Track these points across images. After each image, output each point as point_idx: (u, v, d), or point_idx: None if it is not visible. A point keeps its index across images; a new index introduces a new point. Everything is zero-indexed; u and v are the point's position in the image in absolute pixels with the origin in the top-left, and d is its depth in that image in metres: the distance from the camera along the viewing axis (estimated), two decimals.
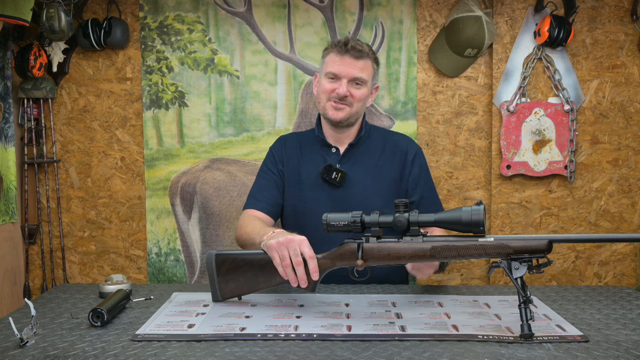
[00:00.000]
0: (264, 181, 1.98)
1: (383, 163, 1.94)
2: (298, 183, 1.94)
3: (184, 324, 1.38)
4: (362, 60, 1.85)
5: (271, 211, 1.93)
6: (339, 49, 1.86)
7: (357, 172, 1.92)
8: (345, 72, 1.84)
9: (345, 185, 1.90)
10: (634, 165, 2.50)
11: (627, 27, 2.46)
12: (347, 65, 1.84)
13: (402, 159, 1.95)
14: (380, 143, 1.98)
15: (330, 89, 1.86)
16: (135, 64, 2.54)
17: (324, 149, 1.97)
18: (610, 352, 1.19)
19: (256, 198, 1.95)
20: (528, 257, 1.32)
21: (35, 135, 2.52)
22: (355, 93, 1.86)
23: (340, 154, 1.95)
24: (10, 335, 1.29)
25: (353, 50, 1.83)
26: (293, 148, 2.01)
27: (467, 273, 2.58)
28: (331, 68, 1.86)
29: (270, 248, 1.46)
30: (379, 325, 1.36)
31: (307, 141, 2.01)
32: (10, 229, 2.47)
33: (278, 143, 2.05)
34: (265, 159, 2.05)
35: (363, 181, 1.91)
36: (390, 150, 1.96)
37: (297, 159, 1.97)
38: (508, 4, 2.47)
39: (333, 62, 1.86)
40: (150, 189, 2.57)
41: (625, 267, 2.53)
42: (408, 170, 1.94)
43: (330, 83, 1.87)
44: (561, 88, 2.46)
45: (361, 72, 1.85)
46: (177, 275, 2.60)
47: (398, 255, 1.40)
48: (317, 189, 1.91)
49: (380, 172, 1.93)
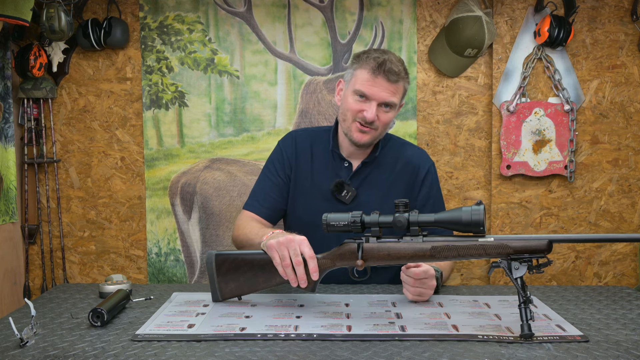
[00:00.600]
0: (269, 184, 1.90)
1: (393, 182, 1.88)
2: (307, 193, 1.87)
3: (184, 324, 1.38)
4: (395, 84, 1.73)
5: (271, 216, 1.88)
6: (373, 68, 1.72)
7: (367, 191, 1.85)
8: (376, 95, 1.72)
9: (353, 204, 1.83)
10: (634, 165, 2.50)
11: (627, 27, 2.46)
12: (380, 87, 1.72)
13: (412, 177, 1.88)
14: (393, 159, 1.89)
15: (358, 109, 1.75)
16: (135, 64, 2.54)
17: (336, 160, 1.88)
18: (610, 352, 1.19)
19: (258, 202, 1.89)
20: (528, 257, 1.32)
21: (35, 135, 2.52)
22: (383, 117, 1.75)
23: (352, 169, 1.87)
24: (10, 335, 1.29)
25: (389, 73, 1.71)
26: (304, 152, 1.91)
27: (467, 273, 2.58)
28: (361, 87, 1.73)
29: (270, 248, 1.46)
30: (379, 325, 1.36)
31: (319, 146, 1.92)
32: (10, 229, 2.47)
33: (289, 141, 1.94)
34: (273, 157, 1.94)
35: (372, 200, 1.83)
36: (402, 167, 1.88)
37: (308, 167, 1.89)
38: (508, 4, 2.47)
39: (365, 80, 1.73)
40: (150, 189, 2.57)
41: (625, 267, 2.53)
42: (417, 190, 1.88)
43: (358, 103, 1.75)
44: (561, 88, 2.46)
45: (393, 96, 1.73)
46: (177, 275, 2.60)
47: (398, 255, 1.40)
48: (326, 203, 1.83)
49: (389, 193, 1.86)
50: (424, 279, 1.54)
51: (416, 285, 1.55)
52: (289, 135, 1.97)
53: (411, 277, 1.54)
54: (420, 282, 1.55)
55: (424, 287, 1.55)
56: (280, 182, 1.89)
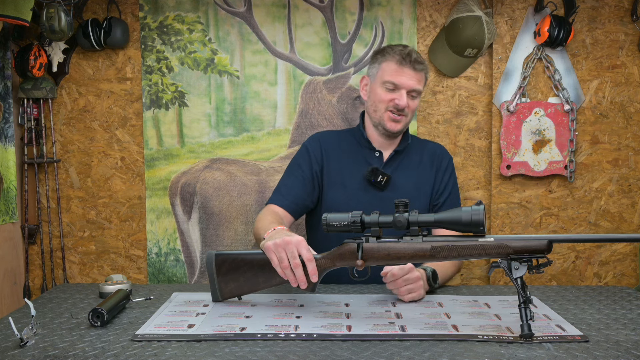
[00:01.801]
0: (293, 179, 1.96)
1: (422, 170, 2.00)
2: (341, 185, 1.94)
3: (184, 324, 1.38)
4: (421, 73, 1.90)
5: (294, 210, 1.92)
6: (400, 59, 1.87)
7: (400, 177, 1.95)
8: (405, 83, 1.87)
9: (388, 189, 1.91)
10: (634, 165, 2.50)
11: (627, 27, 2.46)
12: (407, 76, 1.87)
13: (437, 165, 2.02)
14: (419, 151, 2.04)
15: (389, 98, 1.88)
16: (135, 64, 2.54)
17: (366, 151, 1.97)
18: (610, 352, 1.19)
19: (282, 194, 1.94)
20: (528, 257, 1.32)
21: (35, 135, 2.52)
22: (412, 104, 1.90)
23: (383, 158, 1.97)
24: (10, 335, 1.29)
25: (415, 62, 1.87)
26: (333, 148, 2.00)
27: (467, 273, 2.58)
28: (390, 77, 1.88)
29: (267, 249, 1.46)
30: (379, 325, 1.36)
31: (346, 142, 2.02)
32: (10, 229, 2.47)
33: (314, 142, 2.03)
34: (298, 156, 2.02)
35: (405, 186, 1.95)
36: (428, 157, 2.03)
37: (339, 159, 1.97)
38: (508, 4, 2.47)
39: (393, 71, 1.88)
40: (150, 189, 2.58)
41: (625, 267, 2.53)
42: (441, 175, 2.01)
43: (389, 93, 1.88)
44: (561, 88, 2.46)
45: (419, 83, 1.89)
46: (177, 275, 2.60)
47: (398, 255, 1.40)
48: (361, 192, 1.92)
49: (420, 179, 1.98)
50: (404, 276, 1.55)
51: (401, 284, 1.56)
52: (313, 136, 2.06)
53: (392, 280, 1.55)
54: (403, 280, 1.56)
55: (409, 282, 1.56)
56: (305, 177, 1.95)
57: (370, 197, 1.91)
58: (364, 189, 1.92)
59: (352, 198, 1.91)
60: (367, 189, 1.92)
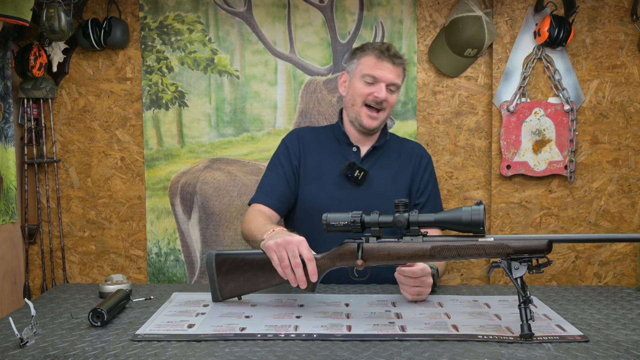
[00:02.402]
0: (275, 176, 1.96)
1: (400, 167, 1.99)
2: (317, 179, 1.93)
3: (184, 324, 1.38)
4: (399, 67, 1.90)
5: (279, 208, 1.92)
6: (379, 53, 1.88)
7: (377, 173, 1.94)
8: (384, 76, 1.87)
9: (365, 184, 1.90)
10: (634, 165, 2.50)
11: (627, 27, 2.46)
12: (386, 70, 1.87)
13: (416, 164, 2.01)
14: (397, 148, 2.03)
15: (368, 92, 1.88)
16: (135, 64, 2.54)
17: (344, 147, 1.97)
18: (610, 352, 1.19)
19: (265, 193, 1.94)
20: (528, 257, 1.32)
21: (35, 135, 2.52)
22: (391, 98, 1.90)
23: (360, 154, 1.97)
24: (10, 335, 1.29)
25: (394, 57, 1.88)
26: (311, 143, 1.99)
27: (467, 273, 2.58)
28: (370, 71, 1.87)
29: (268, 249, 1.46)
30: (379, 325, 1.36)
31: (325, 137, 2.01)
32: (10, 229, 2.47)
33: (293, 137, 2.03)
34: (278, 152, 2.02)
35: (382, 182, 1.93)
36: (406, 156, 2.02)
37: (316, 154, 1.97)
38: (508, 4, 2.47)
39: (372, 65, 1.88)
40: (150, 189, 2.58)
41: (625, 267, 2.53)
42: (420, 175, 2.00)
43: (368, 87, 1.88)
44: (561, 88, 2.46)
45: (398, 78, 1.89)
46: (177, 275, 2.60)
47: (398, 255, 1.40)
48: (338, 187, 1.92)
49: (397, 176, 1.97)
50: (422, 277, 1.55)
51: (416, 284, 1.55)
52: (292, 132, 2.06)
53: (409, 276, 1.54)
54: (419, 281, 1.55)
55: (422, 285, 1.56)
56: (286, 173, 1.95)
57: (346, 193, 1.90)
58: (340, 184, 1.92)
59: (328, 193, 1.90)
60: (343, 185, 1.91)
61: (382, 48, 1.88)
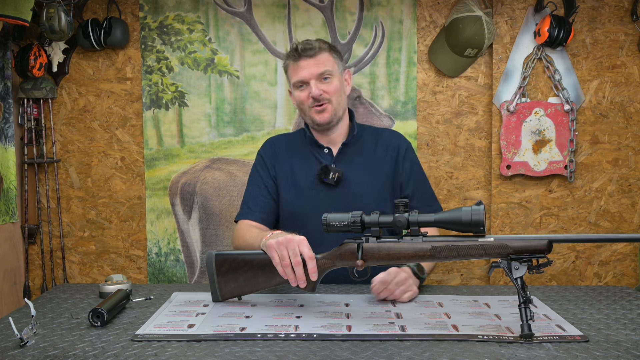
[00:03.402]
0: (256, 189, 1.95)
1: (376, 160, 1.95)
2: (294, 186, 1.92)
3: (184, 324, 1.38)
4: (317, 56, 1.86)
5: (266, 219, 1.90)
6: (293, 57, 1.89)
7: (352, 171, 1.91)
8: (308, 74, 1.86)
9: (341, 184, 1.89)
10: (634, 165, 2.50)
11: (627, 27, 2.46)
12: (306, 68, 1.86)
13: (394, 154, 1.96)
14: (372, 140, 1.99)
15: (305, 96, 1.88)
16: (135, 64, 2.54)
17: (315, 149, 1.95)
18: (610, 352, 1.19)
19: (250, 207, 1.92)
20: (528, 257, 1.32)
21: (35, 135, 2.53)
22: (328, 88, 1.87)
23: (333, 154, 1.95)
24: (10, 335, 1.29)
25: (304, 51, 1.86)
26: (283, 150, 1.98)
27: (467, 273, 2.58)
28: (295, 77, 1.88)
29: (269, 248, 1.46)
30: (379, 325, 1.36)
31: (297, 143, 2.00)
32: (10, 229, 2.47)
33: (267, 146, 2.03)
34: (255, 164, 2.01)
35: (359, 179, 1.91)
36: (383, 147, 1.97)
37: (289, 161, 1.95)
38: (508, 4, 2.47)
39: (294, 70, 1.89)
40: (150, 189, 2.57)
41: (625, 267, 2.53)
42: (401, 165, 1.95)
43: (302, 91, 1.88)
44: (561, 88, 2.46)
45: (323, 66, 1.86)
46: (177, 275, 2.60)
47: (398, 255, 1.40)
48: (314, 191, 1.90)
49: (374, 169, 1.94)
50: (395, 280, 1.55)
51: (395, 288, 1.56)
52: (266, 142, 2.06)
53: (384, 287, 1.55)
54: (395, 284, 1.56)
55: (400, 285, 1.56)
56: (266, 183, 1.94)
57: (324, 195, 1.88)
58: (317, 188, 1.90)
59: (307, 198, 1.89)
60: (320, 188, 1.90)
61: (293, 50, 1.89)
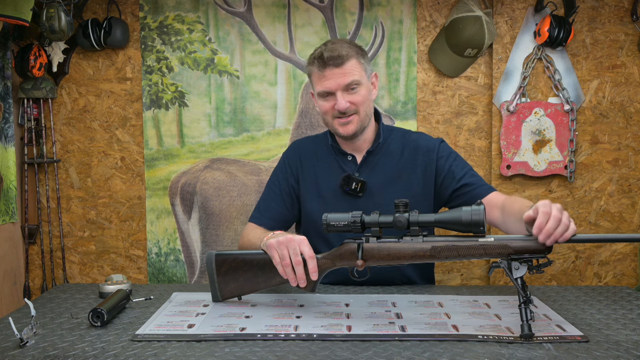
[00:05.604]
0: (271, 195, 1.91)
1: (403, 166, 1.86)
2: (318, 196, 1.87)
3: (184, 324, 1.38)
4: (344, 65, 1.73)
5: (274, 227, 1.84)
6: (318, 65, 1.74)
7: (376, 180, 1.84)
8: (334, 84, 1.73)
9: (365, 194, 1.82)
10: (634, 165, 2.50)
11: (627, 27, 2.46)
12: (333, 78, 1.73)
13: (424, 158, 1.85)
14: (399, 145, 1.88)
15: (330, 107, 1.76)
16: (135, 64, 2.54)
17: (339, 157, 1.87)
18: (610, 352, 1.19)
19: (260, 212, 1.89)
20: (528, 257, 1.31)
21: (35, 135, 2.53)
22: (355, 98, 1.75)
23: (357, 161, 1.87)
24: (10, 335, 1.29)
25: (331, 60, 1.72)
26: (308, 157, 1.92)
27: (467, 273, 2.58)
28: (320, 87, 1.76)
29: (270, 247, 1.46)
30: (379, 325, 1.36)
31: (321, 149, 1.92)
32: (10, 229, 2.47)
33: (292, 151, 1.95)
34: (277, 168, 1.95)
35: (383, 188, 1.83)
36: (410, 152, 1.86)
37: (313, 170, 1.89)
38: (508, 4, 2.47)
39: (318, 79, 1.76)
40: (150, 189, 2.57)
41: (625, 267, 2.53)
42: (442, 164, 1.84)
43: (327, 101, 1.77)
44: (561, 88, 2.46)
45: (351, 76, 1.73)
46: (177, 275, 2.60)
47: (398, 255, 1.40)
48: (338, 201, 1.83)
49: (400, 177, 1.85)
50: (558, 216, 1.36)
51: (568, 222, 1.36)
52: (292, 145, 1.98)
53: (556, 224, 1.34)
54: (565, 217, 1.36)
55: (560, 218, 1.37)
56: (282, 191, 1.89)
57: (347, 205, 1.80)
58: (340, 198, 1.84)
59: (330, 207, 1.78)
60: (344, 198, 1.83)
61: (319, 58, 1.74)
